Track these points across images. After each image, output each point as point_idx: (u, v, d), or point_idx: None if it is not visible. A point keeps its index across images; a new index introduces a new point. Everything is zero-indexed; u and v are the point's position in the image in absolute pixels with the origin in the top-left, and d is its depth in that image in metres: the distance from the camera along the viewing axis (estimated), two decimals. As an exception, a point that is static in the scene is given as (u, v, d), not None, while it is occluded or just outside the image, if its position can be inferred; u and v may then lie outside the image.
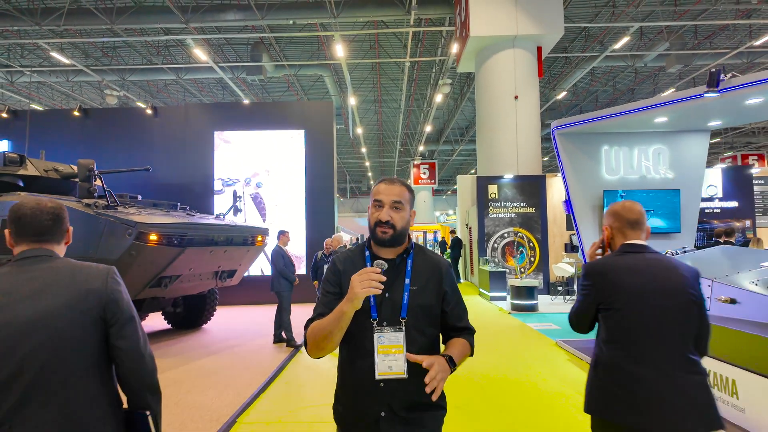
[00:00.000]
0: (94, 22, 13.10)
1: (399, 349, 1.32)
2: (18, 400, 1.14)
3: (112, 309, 1.27)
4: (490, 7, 10.27)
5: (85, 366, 1.22)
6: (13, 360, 1.15)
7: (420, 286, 1.40)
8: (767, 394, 2.89)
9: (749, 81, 4.09)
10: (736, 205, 9.43)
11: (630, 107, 4.97)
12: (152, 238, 5.00)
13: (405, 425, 1.33)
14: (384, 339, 1.33)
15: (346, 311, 1.25)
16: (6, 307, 1.18)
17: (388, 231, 1.37)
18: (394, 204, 1.38)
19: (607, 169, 5.58)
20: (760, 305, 2.92)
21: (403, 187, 1.43)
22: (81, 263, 1.33)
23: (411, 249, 1.46)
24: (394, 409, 1.32)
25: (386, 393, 1.32)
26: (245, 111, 10.44)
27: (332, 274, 1.45)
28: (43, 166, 6.70)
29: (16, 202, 1.34)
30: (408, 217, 1.42)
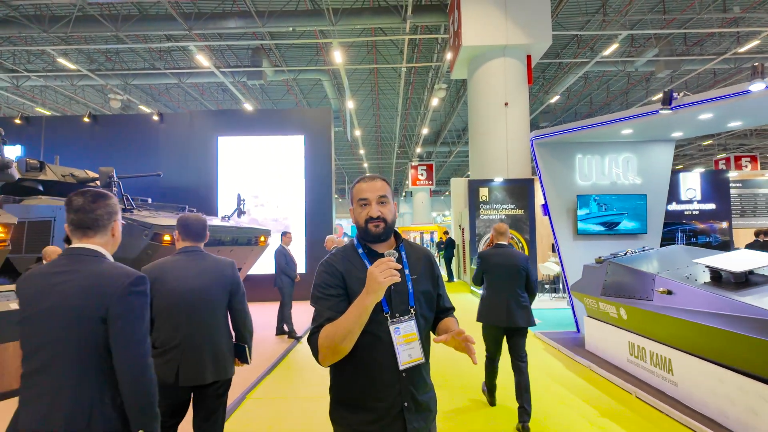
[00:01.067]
0: (99, 29, 13.65)
1: (414, 337, 1.38)
2: (187, 332, 2.17)
3: (235, 286, 2.34)
4: (481, 17, 10.85)
5: (223, 317, 2.31)
6: (188, 312, 2.18)
7: (418, 274, 1.47)
8: (697, 371, 3.46)
9: (698, 100, 4.67)
10: (713, 207, 10.01)
11: (599, 120, 5.55)
12: (166, 239, 5.57)
13: (421, 411, 1.39)
14: (400, 329, 1.38)
15: (368, 304, 1.26)
16: (184, 279, 2.20)
17: (381, 224, 1.42)
18: (380, 198, 1.43)
19: (580, 176, 6.16)
20: (691, 295, 3.49)
21: (383, 181, 1.48)
22: (216, 257, 2.36)
23: (401, 241, 1.52)
24: (414, 397, 1.38)
25: (407, 382, 1.37)
26: (247, 117, 11.02)
27: (332, 276, 1.42)
28: (60, 171, 7.25)
29: (183, 214, 2.30)
30: (394, 210, 1.48)
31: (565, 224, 6.17)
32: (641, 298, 4.03)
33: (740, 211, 10.87)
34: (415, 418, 1.37)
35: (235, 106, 22.05)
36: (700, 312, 3.30)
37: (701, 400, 3.42)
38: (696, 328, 3.38)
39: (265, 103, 22.21)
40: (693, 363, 3.51)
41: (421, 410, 1.39)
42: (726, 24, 14.87)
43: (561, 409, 3.77)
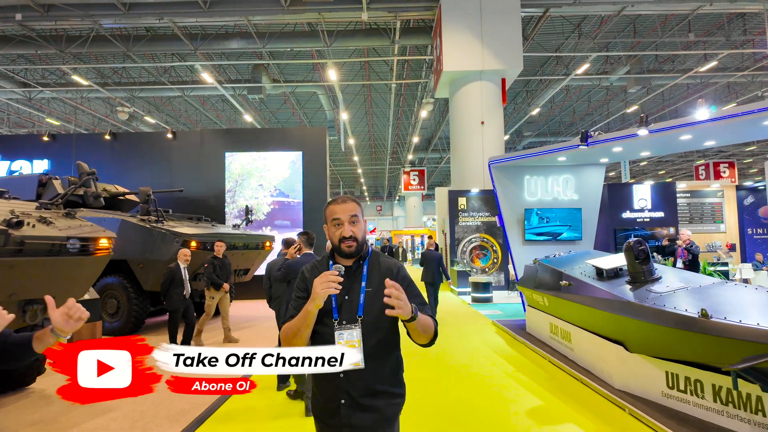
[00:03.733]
0: (111, 48, 15.08)
1: (358, 343, 1.52)
2: None
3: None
4: (460, 45, 12.39)
5: None
6: None
7: (375, 287, 1.59)
8: (587, 341, 4.97)
9: (607, 138, 6.21)
10: (662, 215, 11.58)
11: (540, 150, 7.09)
12: (193, 245, 7.05)
13: (362, 410, 1.53)
14: (344, 335, 1.53)
15: (310, 311, 1.47)
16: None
17: (353, 244, 1.59)
18: (352, 218, 1.60)
19: (528, 193, 7.71)
20: (583, 287, 5.01)
21: (354, 203, 1.64)
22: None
23: (367, 255, 1.66)
24: (353, 396, 1.53)
25: (346, 382, 1.52)
26: (252, 135, 12.51)
27: (301, 281, 1.68)
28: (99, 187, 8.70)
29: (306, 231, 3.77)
30: (364, 228, 1.65)
31: (515, 232, 7.71)
32: (555, 289, 5.56)
33: (689, 218, 12.45)
34: (352, 415, 1.53)
35: (234, 116, 23.52)
36: (585, 297, 4.82)
37: (585, 358, 4.95)
38: (582, 309, 4.90)
39: (264, 114, 23.69)
40: (583, 334, 5.03)
41: (361, 410, 1.54)
42: (685, 48, 16.50)
43: (491, 369, 5.29)
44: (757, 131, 5.75)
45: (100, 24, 13.94)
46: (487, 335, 7.07)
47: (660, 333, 3.61)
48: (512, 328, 7.18)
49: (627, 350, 4.14)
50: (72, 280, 4.14)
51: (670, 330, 3.47)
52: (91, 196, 5.80)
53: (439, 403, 4.19)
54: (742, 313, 3.10)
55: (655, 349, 3.85)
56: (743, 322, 2.97)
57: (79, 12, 13.22)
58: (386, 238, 26.24)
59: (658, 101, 22.46)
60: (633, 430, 3.51)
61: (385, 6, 13.12)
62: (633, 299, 4.07)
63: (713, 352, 3.18)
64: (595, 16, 14.94)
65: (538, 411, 3.99)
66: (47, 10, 13.18)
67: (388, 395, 1.58)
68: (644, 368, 3.96)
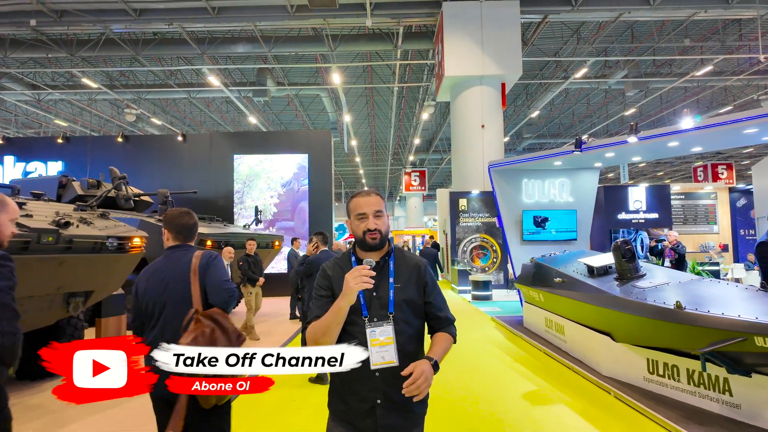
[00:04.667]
0: (120, 51, 15.50)
1: (390, 340, 1.52)
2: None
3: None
4: (461, 51, 12.81)
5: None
6: None
7: (403, 282, 1.61)
8: (578, 333, 5.39)
9: (599, 144, 6.64)
10: (656, 216, 11.99)
11: (537, 155, 7.52)
12: (208, 244, 7.46)
13: (398, 410, 1.52)
14: (376, 333, 1.52)
15: (343, 306, 1.46)
16: None
17: (377, 236, 1.59)
18: (376, 212, 1.60)
19: (525, 195, 8.13)
20: (575, 283, 5.42)
21: (378, 196, 1.65)
22: None
23: (392, 251, 1.67)
24: (389, 396, 1.51)
25: (381, 381, 1.50)
26: (260, 138, 12.94)
27: (323, 279, 1.65)
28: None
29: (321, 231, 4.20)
30: (387, 222, 1.65)
31: (514, 233, 8.14)
32: (549, 286, 5.98)
33: (683, 219, 12.87)
34: (387, 415, 1.52)
35: (239, 117, 23.95)
36: (577, 292, 5.24)
37: (576, 349, 5.37)
38: (574, 304, 5.32)
39: (268, 116, 24.11)
40: (575, 327, 5.45)
41: (396, 409, 1.52)
42: (682, 52, 16.93)
43: (490, 360, 5.71)
44: (738, 138, 6.17)
45: (111, 29, 14.37)
46: (487, 330, 7.49)
47: (641, 323, 4.03)
48: (510, 323, 7.60)
49: (613, 340, 4.56)
50: (109, 275, 4.56)
51: (649, 320, 3.89)
52: (122, 198, 6.21)
53: (444, 389, 4.61)
54: (712, 304, 3.52)
55: (637, 338, 4.27)
56: (711, 312, 3.39)
57: (91, 17, 13.64)
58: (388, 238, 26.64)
59: (656, 104, 22.88)
60: (617, 410, 3.93)
61: (388, 12, 13.55)
62: (619, 294, 4.49)
63: (686, 340, 3.60)
64: (593, 21, 15.36)
65: (533, 395, 4.41)
66: (60, 16, 13.61)
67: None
68: (628, 356, 4.39)
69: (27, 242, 3.58)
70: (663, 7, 13.41)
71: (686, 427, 3.33)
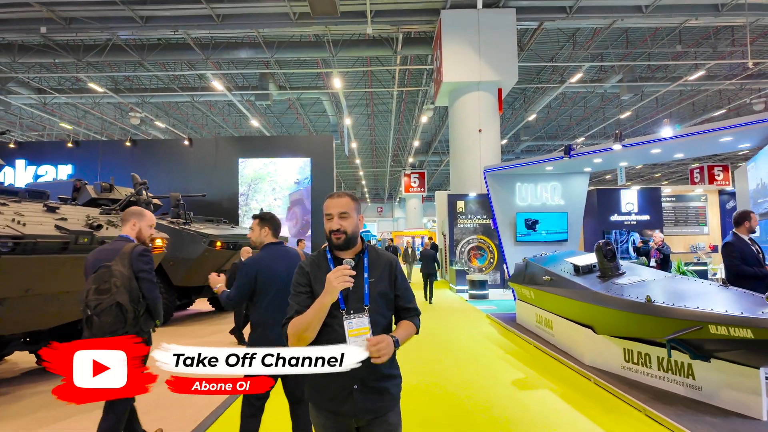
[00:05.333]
0: (126, 56, 15.95)
1: (366, 331, 1.66)
2: None
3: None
4: (458, 58, 13.28)
5: None
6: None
7: (377, 278, 1.74)
8: (565, 327, 5.83)
9: (587, 151, 7.09)
10: (648, 218, 12.46)
11: (530, 160, 7.97)
12: (218, 245, 7.92)
13: (374, 393, 1.67)
14: (353, 324, 1.66)
15: (325, 303, 1.57)
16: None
17: (341, 236, 1.70)
18: (341, 214, 1.71)
19: (519, 199, 8.58)
20: (562, 281, 5.87)
21: (347, 198, 1.76)
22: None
23: (366, 249, 1.80)
24: (365, 382, 1.65)
25: (360, 369, 1.57)
26: (264, 142, 13.41)
27: (301, 276, 1.76)
28: (124, 191, 9.55)
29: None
30: (356, 222, 1.75)
31: (508, 234, 8.59)
32: (540, 283, 6.43)
33: (674, 221, 13.33)
34: (365, 399, 1.64)
35: (240, 120, 24.40)
36: (564, 289, 5.69)
37: (563, 342, 5.82)
38: (561, 300, 5.77)
39: (269, 119, 24.56)
40: (562, 322, 5.91)
41: (373, 393, 1.65)
42: (675, 57, 17.42)
43: (484, 353, 6.17)
44: (716, 146, 6.63)
45: (118, 35, 14.82)
46: (482, 327, 7.94)
47: (618, 316, 4.48)
48: (504, 320, 8.05)
49: (595, 332, 5.01)
50: (135, 273, 5.00)
51: (625, 313, 4.34)
52: (144, 202, 6.65)
53: (441, 377, 5.05)
54: (679, 299, 3.97)
55: (615, 330, 4.72)
56: (675, 305, 3.84)
57: (99, 24, 14.09)
58: (389, 239, 27.12)
59: (652, 106, 23.38)
60: (595, 394, 4.37)
61: (388, 20, 14.01)
62: (600, 290, 4.94)
63: (655, 330, 4.05)
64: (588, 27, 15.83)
65: (521, 381, 4.86)
66: (69, 23, 14.06)
67: (392, 377, 1.73)
68: (607, 346, 4.84)
69: (66, 243, 4.03)
70: (655, 14, 13.89)
71: (654, 407, 3.78)
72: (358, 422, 1.69)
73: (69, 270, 4.21)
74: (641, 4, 13.82)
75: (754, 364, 3.51)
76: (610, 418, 3.77)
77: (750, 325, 3.20)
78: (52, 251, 3.95)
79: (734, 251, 4.45)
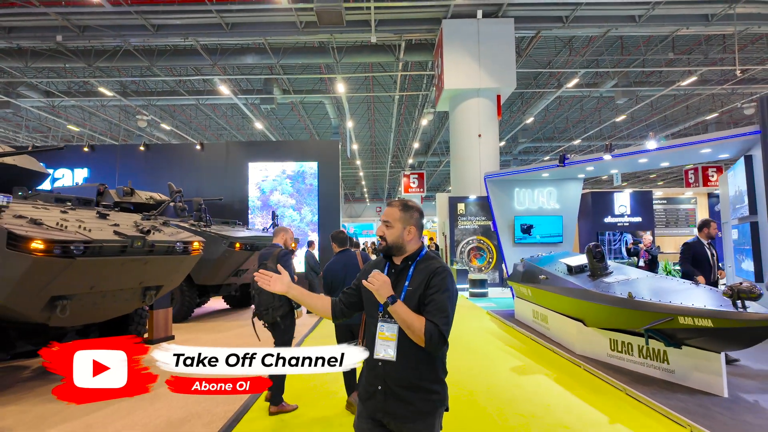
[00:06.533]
0: (136, 62, 16.52)
1: (393, 337, 1.72)
2: None
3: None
4: (459, 66, 13.93)
5: None
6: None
7: (415, 287, 1.77)
8: (559, 321, 6.50)
9: (580, 160, 7.76)
10: (639, 220, 13.16)
11: (528, 168, 8.64)
12: (237, 246, 8.54)
13: (397, 399, 1.71)
14: (384, 329, 1.75)
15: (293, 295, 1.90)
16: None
17: (382, 243, 1.86)
18: (385, 223, 1.85)
19: (517, 203, 9.25)
20: (556, 280, 6.53)
21: (394, 208, 1.87)
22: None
23: (417, 257, 1.86)
24: (388, 384, 1.71)
25: (382, 371, 1.70)
26: (272, 146, 14.00)
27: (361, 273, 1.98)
28: (144, 195, 10.16)
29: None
30: (399, 232, 1.83)
31: (507, 236, 9.26)
32: (536, 281, 7.09)
33: (665, 222, 14.04)
34: (385, 401, 1.72)
35: (243, 122, 24.98)
36: (558, 287, 6.36)
37: (556, 334, 6.49)
38: (555, 297, 6.43)
39: (272, 121, 25.14)
40: (556, 316, 6.57)
41: (395, 398, 1.71)
42: (667, 64, 18.13)
43: (487, 346, 6.83)
44: (697, 156, 7.32)
45: (129, 42, 15.39)
46: (482, 323, 8.61)
47: (604, 310, 5.14)
48: (503, 316, 8.72)
49: (585, 325, 5.68)
50: (176, 272, 5.64)
51: (609, 308, 5.00)
52: (179, 209, 7.27)
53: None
54: (655, 294, 4.63)
55: (602, 322, 5.38)
56: (652, 300, 4.50)
57: (111, 32, 14.68)
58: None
59: (647, 109, 24.10)
60: (583, 378, 5.04)
61: (391, 29, 14.66)
62: (590, 288, 5.60)
63: (635, 321, 4.71)
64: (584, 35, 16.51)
65: (518, 368, 5.52)
66: (83, 31, 14.64)
67: (423, 390, 1.71)
68: (596, 337, 5.50)
69: (125, 246, 4.66)
70: (648, 24, 14.60)
71: (634, 387, 4.44)
72: (388, 424, 1.74)
73: (124, 269, 4.83)
74: (635, 14, 14.53)
75: (716, 350, 4.18)
76: (596, 397, 4.43)
77: (709, 316, 3.86)
78: (112, 253, 4.58)
79: (687, 252, 5.33)
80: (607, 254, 12.68)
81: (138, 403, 4.34)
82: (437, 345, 1.67)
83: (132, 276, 4.97)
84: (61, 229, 4.34)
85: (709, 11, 14.37)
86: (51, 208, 4.95)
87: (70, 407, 4.30)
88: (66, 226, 4.41)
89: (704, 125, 24.98)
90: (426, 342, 1.66)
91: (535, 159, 32.91)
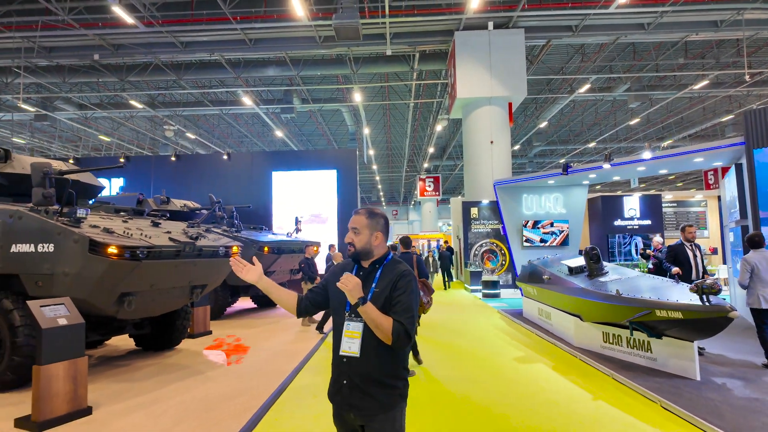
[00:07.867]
0: (164, 76, 17.66)
1: (357, 335, 1.84)
2: None
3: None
4: (471, 76, 14.64)
5: None
6: None
7: (381, 288, 1.89)
8: (560, 317, 7.15)
9: (582, 168, 8.41)
10: (649, 222, 13.63)
11: (535, 175, 9.31)
12: (266, 249, 9.40)
13: (361, 393, 1.83)
14: (350, 326, 1.87)
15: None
16: None
17: (351, 249, 1.97)
18: (353, 230, 1.96)
19: (525, 208, 9.92)
20: (558, 280, 7.20)
21: (361, 216, 1.98)
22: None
23: (384, 261, 1.99)
24: (353, 379, 1.84)
25: (347, 366, 1.84)
26: (294, 156, 14.93)
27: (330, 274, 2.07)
28: (179, 203, 11.11)
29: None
30: (367, 239, 1.95)
31: (516, 239, 9.93)
32: (540, 281, 7.76)
33: (675, 225, 14.46)
34: (350, 395, 1.84)
35: (265, 130, 26.08)
36: (559, 287, 7.03)
37: (558, 329, 7.15)
38: (557, 295, 7.10)
39: (291, 129, 26.19)
40: (558, 313, 7.24)
41: (360, 392, 1.83)
42: (680, 68, 18.51)
43: (494, 338, 7.53)
44: (692, 165, 7.90)
45: (158, 58, 16.52)
46: (493, 320, 9.29)
47: (598, 306, 5.81)
48: (512, 314, 9.39)
49: (582, 320, 6.34)
50: (218, 273, 6.50)
51: (601, 304, 5.66)
52: (218, 217, 8.16)
53: (457, 352, 6.42)
54: (639, 291, 5.29)
55: (596, 317, 6.04)
56: (635, 295, 5.16)
57: (143, 50, 15.81)
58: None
59: (662, 111, 24.38)
60: (577, 366, 5.71)
61: (405, 41, 15.46)
62: (586, 287, 6.27)
63: (622, 315, 5.37)
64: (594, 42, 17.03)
65: (522, 358, 6.22)
66: (117, 49, 15.81)
67: (384, 386, 1.83)
68: (591, 331, 6.17)
69: (179, 251, 5.53)
70: (657, 31, 15.08)
71: (620, 373, 5.11)
72: (354, 420, 1.87)
73: (177, 270, 5.70)
74: (643, 22, 15.02)
75: (690, 339, 4.83)
76: (585, 381, 5.12)
77: (679, 309, 4.52)
78: (169, 257, 5.45)
79: (669, 252, 6.04)
80: (618, 256, 13.24)
81: (194, 383, 5.19)
82: (403, 342, 1.79)
83: (183, 276, 5.84)
84: (128, 236, 5.22)
85: (717, 17, 14.78)
86: (114, 218, 5.86)
87: (136, 386, 5.18)
88: (131, 234, 5.29)
89: (721, 127, 25.11)
90: (393, 340, 1.77)
91: (551, 162, 33.27)
